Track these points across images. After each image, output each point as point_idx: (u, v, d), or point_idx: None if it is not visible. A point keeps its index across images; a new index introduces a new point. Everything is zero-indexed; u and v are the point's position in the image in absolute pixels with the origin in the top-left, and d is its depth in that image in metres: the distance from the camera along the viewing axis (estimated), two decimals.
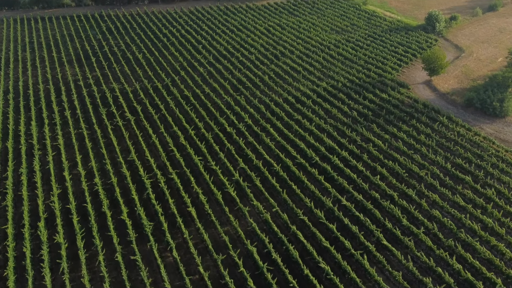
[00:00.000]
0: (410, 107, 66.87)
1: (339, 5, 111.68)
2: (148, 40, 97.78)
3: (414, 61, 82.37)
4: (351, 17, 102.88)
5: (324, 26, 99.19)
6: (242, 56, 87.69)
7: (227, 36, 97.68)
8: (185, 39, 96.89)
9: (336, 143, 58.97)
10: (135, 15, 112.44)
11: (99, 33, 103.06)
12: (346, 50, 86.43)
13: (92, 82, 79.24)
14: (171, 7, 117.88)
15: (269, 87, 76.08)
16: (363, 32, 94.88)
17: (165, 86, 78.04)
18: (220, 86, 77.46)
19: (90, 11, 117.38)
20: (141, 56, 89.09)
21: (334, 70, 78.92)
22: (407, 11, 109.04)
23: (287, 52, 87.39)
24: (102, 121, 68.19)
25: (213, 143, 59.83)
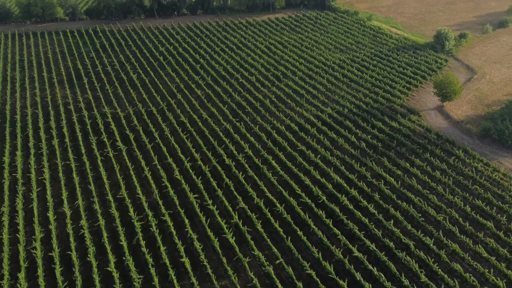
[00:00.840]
0: (423, 137, 62.33)
1: (342, 20, 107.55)
2: (143, 58, 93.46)
3: (423, 84, 78.06)
4: (356, 34, 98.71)
5: (328, 44, 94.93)
6: (242, 78, 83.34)
7: (226, 55, 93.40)
8: (182, 58, 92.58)
9: (344, 179, 54.36)
10: (131, 31, 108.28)
11: (93, 50, 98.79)
12: (351, 71, 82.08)
13: (83, 106, 74.85)
14: (168, 22, 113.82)
15: (270, 112, 71.61)
16: (368, 51, 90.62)
17: (160, 111, 73.59)
18: (218, 111, 73.02)
19: (84, 26, 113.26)
20: (136, 77, 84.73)
21: (339, 94, 74.49)
22: (414, 27, 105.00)
23: (289, 73, 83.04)
24: (91, 151, 63.58)
25: (210, 178, 55.25)
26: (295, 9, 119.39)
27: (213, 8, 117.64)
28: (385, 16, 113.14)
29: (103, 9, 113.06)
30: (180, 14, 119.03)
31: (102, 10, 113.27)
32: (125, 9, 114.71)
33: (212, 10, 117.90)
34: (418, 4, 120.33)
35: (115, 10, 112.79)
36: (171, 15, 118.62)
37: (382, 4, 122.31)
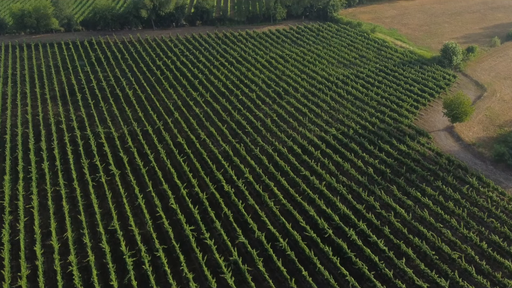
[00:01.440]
0: (433, 162, 58.90)
1: (345, 33, 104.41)
2: (140, 73, 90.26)
3: (431, 102, 74.77)
4: (359, 47, 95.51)
5: (330, 58, 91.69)
6: (242, 94, 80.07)
7: (226, 69, 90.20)
8: (180, 73, 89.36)
9: (351, 209, 50.93)
10: (128, 43, 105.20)
11: (88, 64, 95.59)
12: (356, 88, 78.77)
13: (76, 125, 71.54)
14: (166, 34, 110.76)
15: (272, 132, 68.28)
16: (373, 65, 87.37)
17: (156, 130, 70.27)
18: (217, 130, 69.71)
19: (80, 38, 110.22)
20: (132, 93, 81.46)
21: (343, 113, 71.15)
22: (419, 40, 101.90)
23: (290, 90, 79.77)
24: (83, 175, 60.26)
25: (208, 207, 51.86)
26: (296, 20, 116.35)
27: (213, 19, 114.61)
28: (389, 27, 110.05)
29: (99, 20, 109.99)
30: (179, 25, 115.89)
31: (98, 21, 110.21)
32: (122, 20, 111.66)
33: (212, 21, 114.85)
34: (423, 15, 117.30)
35: (111, 21, 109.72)
36: (169, 26, 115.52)
37: (386, 14, 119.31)
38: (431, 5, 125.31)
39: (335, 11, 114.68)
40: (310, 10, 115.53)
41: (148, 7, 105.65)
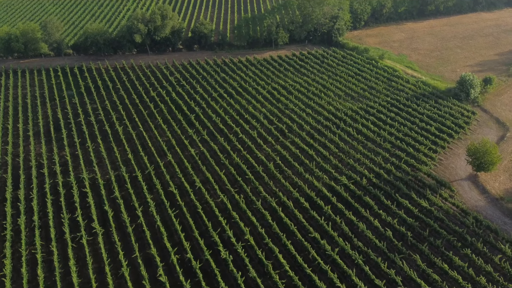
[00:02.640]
0: (459, 222, 51.83)
1: (352, 60, 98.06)
2: (132, 105, 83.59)
3: (450, 143, 68.06)
4: (368, 77, 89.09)
5: (337, 90, 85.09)
6: (242, 132, 73.33)
7: (225, 102, 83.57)
8: (175, 105, 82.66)
9: (369, 283, 43.87)
10: (120, 70, 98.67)
11: (76, 94, 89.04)
12: (367, 126, 72.03)
13: (59, 169, 64.66)
14: (162, 60, 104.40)
15: (275, 179, 61.36)
16: (384, 98, 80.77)
17: (146, 176, 63.37)
18: (214, 176, 62.86)
19: (70, 63, 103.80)
20: (122, 130, 74.75)
21: (354, 156, 64.28)
22: (431, 67, 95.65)
23: (295, 127, 73.03)
24: (62, 234, 53.37)
25: (201, 279, 44.81)
26: (299, 45, 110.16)
27: (211, 44, 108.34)
28: (398, 53, 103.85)
29: (91, 45, 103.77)
30: (175, 49, 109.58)
31: (90, 46, 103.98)
32: (115, 44, 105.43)
33: (210, 46, 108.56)
34: (433, 39, 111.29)
35: (104, 46, 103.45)
36: (165, 51, 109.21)
37: (394, 38, 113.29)
38: (440, 27, 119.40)
39: (340, 35, 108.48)
40: (313, 34, 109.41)
41: (142, 31, 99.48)
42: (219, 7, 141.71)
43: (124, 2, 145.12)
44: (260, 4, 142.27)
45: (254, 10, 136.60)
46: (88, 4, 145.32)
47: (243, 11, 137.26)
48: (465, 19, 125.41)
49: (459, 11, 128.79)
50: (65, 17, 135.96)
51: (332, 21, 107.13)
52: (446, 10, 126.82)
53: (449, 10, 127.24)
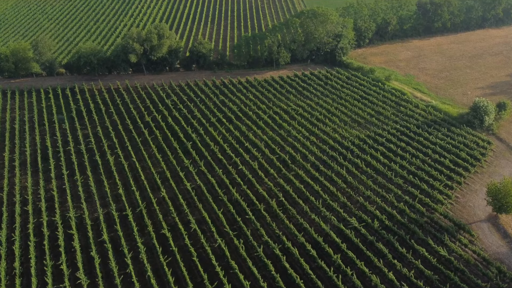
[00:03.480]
0: (481, 274, 46.78)
1: (357, 81, 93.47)
2: (125, 131, 78.79)
3: (466, 177, 63.18)
4: (375, 101, 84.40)
5: (342, 115, 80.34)
6: (242, 162, 68.42)
7: (224, 127, 78.76)
8: (171, 132, 77.83)
9: None
10: (114, 92, 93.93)
11: (67, 118, 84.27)
12: (375, 157, 67.13)
13: (44, 206, 59.76)
14: (158, 80, 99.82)
15: (277, 220, 56.33)
16: (392, 125, 75.97)
17: (138, 215, 58.43)
18: (211, 215, 57.88)
19: (62, 84, 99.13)
20: (113, 160, 69.92)
21: (364, 193, 59.25)
22: (440, 89, 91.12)
23: (298, 157, 68.10)
24: (45, 284, 48.33)
25: None
26: (301, 64, 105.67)
27: (210, 64, 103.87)
28: (405, 73, 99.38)
29: (84, 65, 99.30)
30: (173, 69, 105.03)
31: (83, 65, 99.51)
32: (109, 64, 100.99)
33: (209, 66, 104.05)
34: (441, 58, 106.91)
35: (97, 66, 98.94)
36: (162, 71, 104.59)
37: (400, 57, 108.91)
38: (448, 45, 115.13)
39: (344, 55, 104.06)
40: (316, 54, 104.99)
41: (138, 51, 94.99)
42: (218, 23, 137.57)
43: (121, 18, 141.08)
44: (261, 19, 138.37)
45: (255, 26, 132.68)
46: (83, 20, 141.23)
47: (243, 27, 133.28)
48: (473, 36, 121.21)
49: (467, 28, 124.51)
50: (60, 33, 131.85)
51: (336, 39, 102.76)
52: (453, 27, 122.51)
53: (456, 27, 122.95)
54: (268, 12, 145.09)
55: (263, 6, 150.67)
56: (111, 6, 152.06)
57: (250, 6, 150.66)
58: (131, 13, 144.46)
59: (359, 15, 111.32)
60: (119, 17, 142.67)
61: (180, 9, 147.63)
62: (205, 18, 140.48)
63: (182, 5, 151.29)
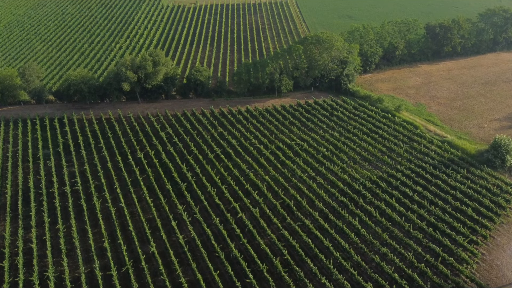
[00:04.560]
0: None
1: (365, 112, 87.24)
2: (114, 170, 72.31)
3: (492, 229, 56.68)
4: (385, 135, 78.16)
5: (351, 152, 74.07)
6: (242, 208, 61.89)
7: (222, 165, 72.39)
8: (165, 171, 71.39)
9: None
10: (106, 122, 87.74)
11: (53, 153, 78.04)
12: (390, 204, 60.57)
13: (21, 262, 53.18)
14: (153, 109, 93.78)
15: (283, 284, 49.65)
16: (407, 165, 69.52)
17: (123, 275, 51.80)
18: (206, 276, 51.16)
19: (51, 113, 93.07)
20: (100, 205, 63.48)
21: (380, 250, 52.59)
22: (455, 121, 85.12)
23: (304, 203, 61.56)
24: None
25: None
26: (304, 92, 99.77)
27: (208, 91, 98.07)
28: (415, 102, 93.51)
29: (74, 93, 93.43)
30: (169, 97, 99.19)
31: (73, 94, 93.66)
32: (101, 92, 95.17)
33: (207, 93, 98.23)
34: (452, 85, 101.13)
35: (88, 94, 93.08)
36: (158, 98, 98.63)
37: (408, 83, 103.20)
38: (458, 70, 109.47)
39: (350, 82, 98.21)
40: (320, 81, 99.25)
41: (132, 79, 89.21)
42: (218, 45, 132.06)
43: (117, 39, 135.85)
44: (262, 41, 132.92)
45: (255, 48, 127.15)
46: (77, 41, 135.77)
47: (244, 50, 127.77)
48: (484, 61, 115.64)
49: (477, 52, 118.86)
50: (52, 56, 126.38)
51: (341, 66, 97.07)
52: (464, 51, 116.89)
53: (466, 51, 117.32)
54: (269, 34, 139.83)
55: (264, 27, 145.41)
56: (106, 27, 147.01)
57: (250, 28, 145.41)
58: (127, 35, 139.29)
59: (365, 40, 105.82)
60: (114, 39, 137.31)
61: (179, 30, 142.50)
62: (204, 40, 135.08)
63: (181, 26, 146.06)
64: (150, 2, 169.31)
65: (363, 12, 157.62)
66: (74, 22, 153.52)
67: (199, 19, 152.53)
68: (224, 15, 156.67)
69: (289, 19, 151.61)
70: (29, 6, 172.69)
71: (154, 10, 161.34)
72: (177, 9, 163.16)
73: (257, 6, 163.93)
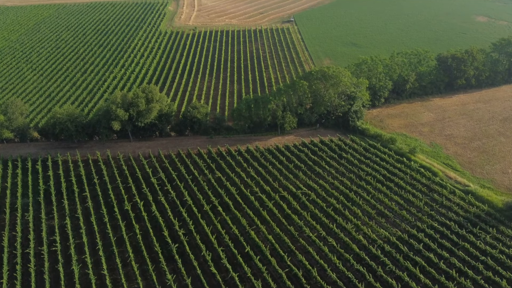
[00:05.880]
0: None
1: (377, 155, 79.44)
2: (98, 225, 64.12)
3: None
4: (401, 183, 70.37)
5: (364, 204, 66.00)
6: (242, 280, 53.44)
7: (219, 219, 64.21)
8: (154, 226, 63.10)
9: None
10: (93, 165, 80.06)
11: (33, 203, 70.19)
12: (414, 274, 52.01)
13: None
14: (145, 149, 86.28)
15: None
16: (427, 221, 61.11)
17: None
18: None
19: (35, 153, 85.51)
20: (78, 271, 55.30)
21: None
22: (475, 166, 77.69)
23: (314, 273, 52.82)
24: None
25: None
26: (309, 129, 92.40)
27: (206, 128, 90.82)
28: (430, 142, 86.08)
29: (60, 132, 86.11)
30: (163, 134, 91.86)
31: (59, 133, 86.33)
32: (89, 130, 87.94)
33: (205, 130, 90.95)
34: (468, 122, 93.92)
35: (75, 133, 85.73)
36: (151, 136, 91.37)
37: (421, 120, 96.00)
38: (473, 104, 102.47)
39: (359, 119, 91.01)
40: (326, 117, 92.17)
41: (122, 118, 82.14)
42: (217, 75, 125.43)
43: (111, 69, 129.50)
44: (263, 71, 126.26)
45: (256, 78, 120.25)
46: (70, 71, 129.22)
47: (244, 80, 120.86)
48: (500, 93, 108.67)
49: (492, 83, 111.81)
50: (42, 86, 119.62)
51: (349, 102, 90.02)
52: (478, 83, 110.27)
53: (480, 83, 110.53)
54: (271, 62, 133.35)
55: (265, 55, 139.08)
56: (101, 55, 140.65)
57: (251, 56, 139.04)
58: (123, 63, 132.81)
59: (373, 73, 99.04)
60: (109, 68, 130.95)
61: (176, 58, 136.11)
62: (202, 69, 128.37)
63: (179, 54, 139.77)
64: (148, 28, 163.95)
65: (368, 39, 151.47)
66: (68, 49, 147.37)
67: (198, 46, 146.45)
68: (224, 42, 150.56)
69: (291, 46, 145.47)
70: (22, 32, 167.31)
71: (152, 37, 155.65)
72: (176, 35, 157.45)
73: (257, 33, 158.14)
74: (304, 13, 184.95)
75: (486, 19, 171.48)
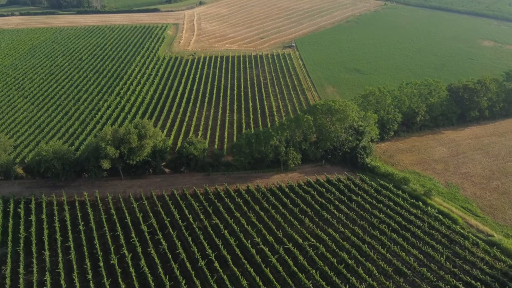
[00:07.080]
0: None
1: (390, 198, 72.53)
2: (80, 282, 56.95)
3: None
4: (419, 233, 63.26)
5: (379, 259, 59.14)
6: None
7: (216, 278, 57.31)
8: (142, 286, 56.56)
9: None
10: (79, 208, 73.37)
11: (11, 253, 63.57)
12: None
13: None
14: (137, 188, 79.70)
15: None
16: (451, 281, 53.80)
17: None
18: None
19: (18, 193, 79.05)
20: None
21: None
22: (497, 210, 71.19)
23: None
24: None
25: None
26: (314, 165, 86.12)
27: (203, 164, 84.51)
28: (446, 181, 79.70)
29: (46, 170, 79.72)
30: (157, 172, 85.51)
31: (45, 171, 79.95)
32: (77, 168, 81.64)
33: (202, 167, 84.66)
34: (484, 158, 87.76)
35: (62, 171, 79.42)
36: (144, 173, 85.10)
37: (434, 155, 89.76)
38: (488, 138, 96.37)
39: (368, 156, 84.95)
40: (332, 153, 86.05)
41: (113, 155, 76.05)
42: (216, 103, 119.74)
43: (105, 97, 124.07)
44: (264, 99, 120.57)
45: (257, 107, 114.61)
46: (63, 99, 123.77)
47: (244, 109, 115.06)
48: None
49: (506, 115, 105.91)
50: (33, 116, 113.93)
51: (356, 137, 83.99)
52: (491, 114, 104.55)
53: (494, 114, 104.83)
54: (272, 90, 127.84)
55: (265, 82, 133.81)
56: (96, 81, 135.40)
57: (251, 83, 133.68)
58: (118, 91, 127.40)
59: (382, 105, 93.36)
60: (103, 96, 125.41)
61: (174, 86, 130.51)
62: (201, 97, 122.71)
63: (177, 81, 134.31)
64: (145, 54, 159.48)
65: (371, 65, 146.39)
66: (62, 75, 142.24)
67: (197, 72, 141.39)
68: (224, 68, 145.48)
69: (293, 73, 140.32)
70: (17, 56, 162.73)
71: (149, 63, 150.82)
72: (174, 61, 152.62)
73: (258, 58, 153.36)
74: (305, 37, 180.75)
75: (493, 44, 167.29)
